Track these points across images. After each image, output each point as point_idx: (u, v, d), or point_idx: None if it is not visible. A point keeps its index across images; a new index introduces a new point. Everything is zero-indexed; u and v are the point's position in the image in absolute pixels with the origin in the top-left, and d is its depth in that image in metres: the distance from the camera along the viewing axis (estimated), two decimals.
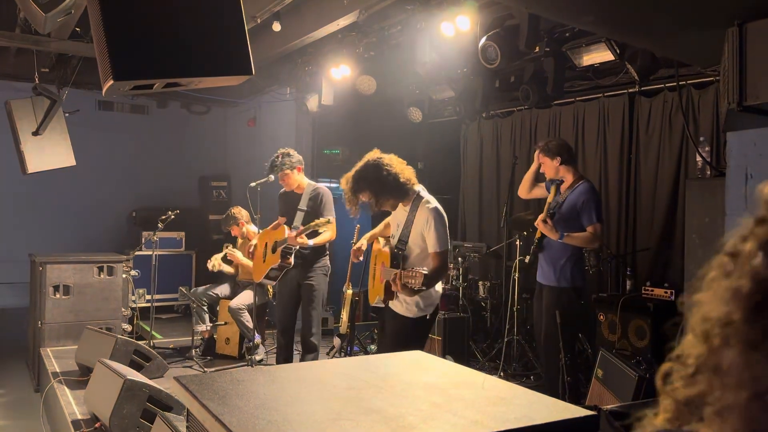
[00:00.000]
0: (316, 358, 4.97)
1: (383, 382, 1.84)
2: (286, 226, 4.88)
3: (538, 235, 4.37)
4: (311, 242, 4.73)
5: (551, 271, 4.25)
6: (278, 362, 5.15)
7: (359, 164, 3.63)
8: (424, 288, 3.27)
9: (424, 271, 3.24)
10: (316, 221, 4.67)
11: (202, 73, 2.28)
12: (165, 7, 2.26)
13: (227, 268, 6.49)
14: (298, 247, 4.85)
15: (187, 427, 1.85)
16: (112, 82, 2.17)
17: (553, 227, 4.15)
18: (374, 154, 3.63)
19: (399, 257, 3.59)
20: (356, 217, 3.80)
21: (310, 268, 5.00)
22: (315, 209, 4.98)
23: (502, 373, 5.49)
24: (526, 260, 4.52)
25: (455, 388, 1.79)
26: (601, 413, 2.42)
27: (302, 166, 5.10)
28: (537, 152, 4.50)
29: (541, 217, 4.22)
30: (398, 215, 3.72)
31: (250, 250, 5.32)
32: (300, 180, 5.08)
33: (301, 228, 4.63)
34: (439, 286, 3.67)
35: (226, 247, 6.53)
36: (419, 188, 3.66)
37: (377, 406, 1.60)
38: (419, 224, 3.53)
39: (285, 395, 1.72)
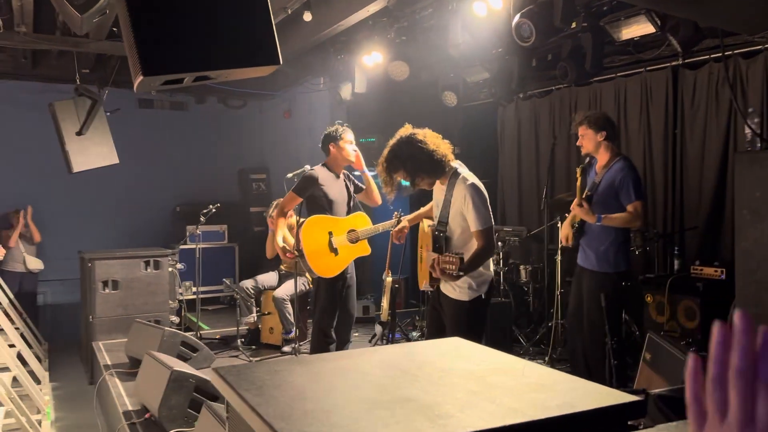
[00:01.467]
0: None
1: (420, 370, 1.82)
2: (366, 216, 4.78)
3: (577, 219, 4.22)
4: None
5: (593, 256, 4.09)
6: None
7: (392, 141, 3.46)
8: (462, 273, 3.18)
9: (461, 255, 3.11)
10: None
11: (230, 65, 2.28)
12: (191, 1, 2.26)
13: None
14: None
15: (227, 417, 1.86)
16: (142, 77, 2.19)
17: (590, 210, 3.98)
18: (407, 130, 3.47)
19: (441, 239, 3.44)
20: (391, 200, 3.70)
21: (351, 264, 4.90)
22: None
23: (547, 359, 5.42)
24: (570, 245, 4.35)
25: (494, 375, 1.75)
26: (649, 397, 2.35)
27: None
28: (578, 124, 4.27)
29: (576, 201, 4.05)
30: (437, 195, 3.56)
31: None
32: None
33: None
34: (491, 264, 3.55)
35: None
36: (456, 165, 3.49)
37: (413, 394, 1.58)
38: (457, 203, 3.37)
39: (321, 385, 1.71)
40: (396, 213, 4.77)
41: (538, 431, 1.39)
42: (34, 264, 7.89)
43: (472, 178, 3.43)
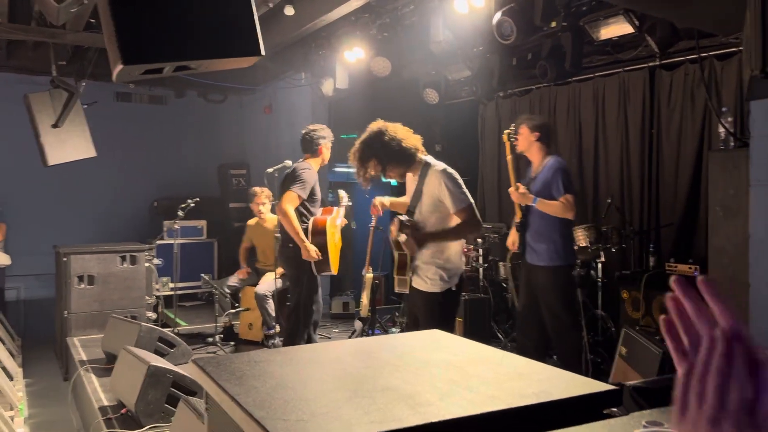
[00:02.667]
0: None
1: (400, 360, 1.83)
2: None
3: (518, 216, 4.44)
4: None
5: (544, 251, 4.25)
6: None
7: (364, 134, 3.63)
8: (429, 236, 3.29)
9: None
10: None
11: (211, 54, 2.27)
12: None
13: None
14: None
15: (206, 408, 1.85)
16: (121, 66, 2.17)
17: (526, 192, 4.25)
18: (378, 124, 3.62)
19: (405, 225, 3.53)
20: (366, 189, 3.80)
21: None
22: None
23: None
24: (517, 249, 4.52)
25: (473, 365, 1.76)
26: (624, 389, 2.38)
27: None
28: (518, 124, 4.56)
29: (512, 187, 4.32)
30: (410, 187, 3.69)
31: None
32: None
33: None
34: (461, 257, 3.63)
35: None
36: (427, 158, 3.62)
37: (393, 384, 1.59)
38: (432, 192, 3.49)
39: (301, 375, 1.71)
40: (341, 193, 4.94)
41: (516, 418, 1.41)
42: (1, 260, 7.74)
43: (442, 165, 3.57)
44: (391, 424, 1.31)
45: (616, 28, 4.93)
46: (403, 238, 3.43)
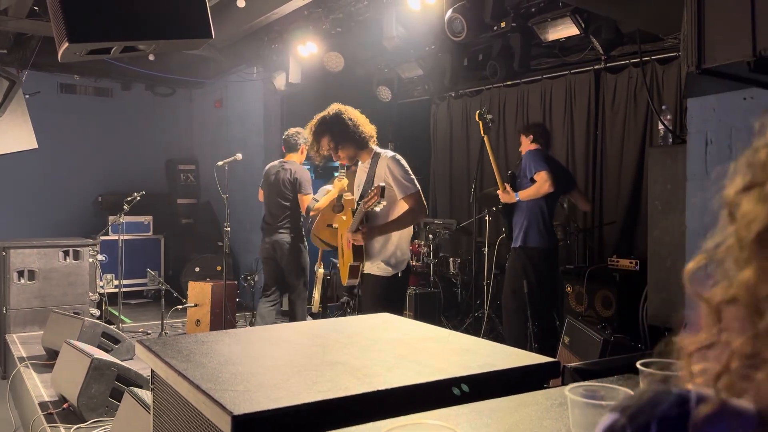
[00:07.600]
0: None
1: (349, 339, 1.85)
2: None
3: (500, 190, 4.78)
4: None
5: (516, 234, 4.55)
6: None
7: (323, 111, 3.72)
8: (384, 202, 3.31)
9: (382, 184, 3.31)
10: None
11: (160, 35, 2.24)
12: None
13: None
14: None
15: (151, 389, 1.83)
16: (67, 44, 2.12)
17: (510, 192, 4.61)
18: (337, 105, 3.74)
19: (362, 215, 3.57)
20: (320, 164, 3.90)
21: None
22: None
23: None
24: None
25: (421, 342, 1.80)
26: (566, 370, 2.46)
27: None
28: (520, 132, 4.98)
29: (500, 189, 4.67)
30: (360, 175, 3.76)
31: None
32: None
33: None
34: (408, 246, 3.68)
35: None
36: (378, 148, 3.73)
37: (342, 359, 1.61)
38: (380, 177, 3.55)
39: (250, 352, 1.71)
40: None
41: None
42: None
43: (392, 153, 3.67)
44: (339, 393, 1.33)
45: (563, 30, 5.07)
46: (358, 237, 3.47)
